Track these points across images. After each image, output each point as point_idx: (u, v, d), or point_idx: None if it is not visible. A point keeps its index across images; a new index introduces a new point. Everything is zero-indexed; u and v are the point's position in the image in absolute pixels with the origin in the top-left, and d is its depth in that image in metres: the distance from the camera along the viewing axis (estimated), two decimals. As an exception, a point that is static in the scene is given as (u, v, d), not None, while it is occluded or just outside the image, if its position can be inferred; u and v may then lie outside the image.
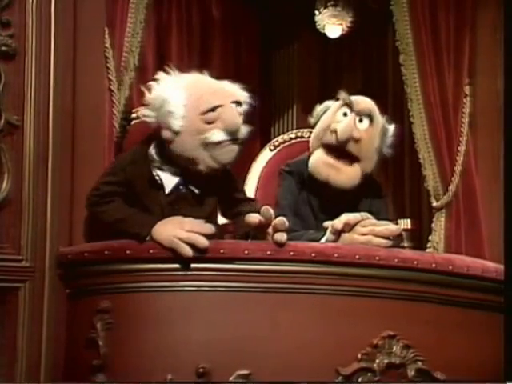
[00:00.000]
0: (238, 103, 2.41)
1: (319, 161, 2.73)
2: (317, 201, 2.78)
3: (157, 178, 2.42)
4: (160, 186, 2.42)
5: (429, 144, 3.29)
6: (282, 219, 2.22)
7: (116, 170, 2.44)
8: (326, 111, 2.82)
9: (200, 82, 2.46)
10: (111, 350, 2.18)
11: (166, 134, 2.37)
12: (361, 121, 2.72)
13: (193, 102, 2.36)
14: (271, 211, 2.24)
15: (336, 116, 2.75)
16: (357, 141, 2.68)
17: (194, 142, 2.35)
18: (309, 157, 2.81)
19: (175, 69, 2.47)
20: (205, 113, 2.35)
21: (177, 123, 2.35)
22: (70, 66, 2.44)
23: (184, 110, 2.35)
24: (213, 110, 2.36)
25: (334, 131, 2.70)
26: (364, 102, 2.78)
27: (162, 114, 2.37)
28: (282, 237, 2.20)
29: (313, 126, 2.89)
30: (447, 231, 3.32)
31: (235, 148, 2.41)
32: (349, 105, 2.74)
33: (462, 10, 3.34)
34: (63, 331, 2.30)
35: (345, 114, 2.73)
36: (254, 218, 2.26)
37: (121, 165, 2.44)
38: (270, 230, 2.25)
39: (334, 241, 2.40)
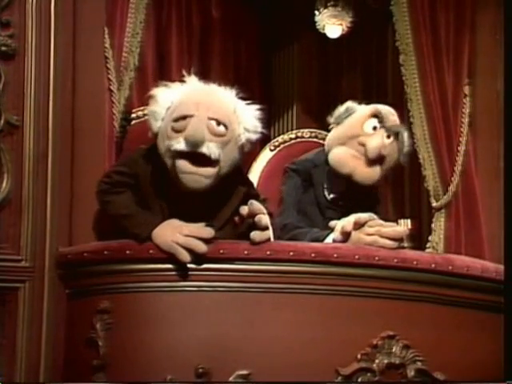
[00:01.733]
0: (217, 121, 2.29)
1: (346, 153, 2.73)
2: (325, 200, 2.78)
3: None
4: (163, 188, 2.39)
5: (428, 144, 3.29)
6: (260, 217, 2.20)
7: (129, 161, 2.43)
8: (349, 115, 2.80)
9: (196, 90, 2.39)
10: (111, 350, 2.18)
11: (149, 133, 2.37)
12: (388, 137, 2.73)
13: (173, 106, 2.33)
14: (257, 205, 2.23)
15: (364, 128, 2.74)
16: (383, 157, 2.72)
17: (164, 147, 2.30)
18: (320, 157, 2.81)
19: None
20: (176, 120, 2.29)
21: (156, 124, 2.34)
22: (70, 66, 2.44)
23: (165, 113, 2.33)
24: (183, 118, 2.28)
25: (363, 145, 2.71)
26: (393, 116, 2.78)
27: (149, 112, 2.38)
28: (256, 236, 2.18)
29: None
30: (447, 231, 3.32)
31: (199, 178, 2.25)
32: (378, 117, 2.74)
33: (461, 10, 3.35)
34: (63, 331, 2.30)
35: (374, 128, 2.73)
36: (243, 209, 2.26)
37: (134, 158, 2.43)
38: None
39: (343, 241, 2.40)
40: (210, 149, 2.25)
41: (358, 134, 2.73)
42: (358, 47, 4.96)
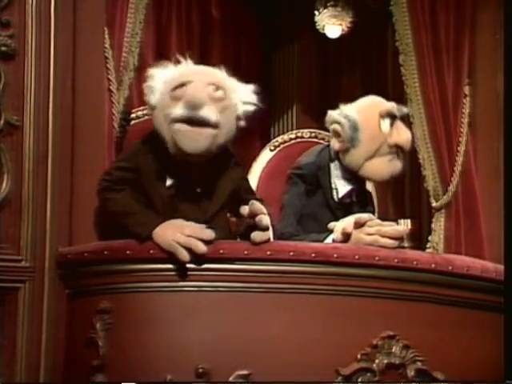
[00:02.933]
0: (216, 86, 2.34)
1: (383, 163, 2.71)
2: (334, 200, 2.77)
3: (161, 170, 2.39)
4: (164, 179, 2.40)
5: (428, 144, 3.29)
6: (261, 217, 2.19)
7: (129, 156, 2.44)
8: (356, 129, 2.71)
9: (194, 66, 2.43)
10: (111, 351, 2.18)
11: (147, 110, 2.38)
12: (403, 122, 2.75)
13: (170, 78, 2.36)
14: (258, 205, 2.23)
15: (383, 131, 2.70)
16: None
17: (162, 117, 2.33)
18: (324, 157, 2.79)
19: None
20: (174, 89, 2.32)
21: (153, 98, 2.36)
22: (70, 66, 2.44)
23: (163, 86, 2.36)
24: (181, 85, 2.32)
25: (395, 145, 2.70)
26: (391, 104, 2.76)
27: (147, 89, 2.39)
28: (257, 236, 2.19)
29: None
30: (447, 231, 3.33)
31: (197, 137, 2.28)
32: (388, 115, 2.72)
33: (461, 10, 3.35)
34: (63, 331, 2.30)
35: (391, 125, 2.71)
36: (243, 209, 2.26)
37: (133, 152, 2.44)
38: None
39: (343, 242, 2.40)
40: (209, 112, 2.28)
41: (384, 139, 2.69)
42: (357, 47, 4.96)
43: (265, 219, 2.20)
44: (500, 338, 2.30)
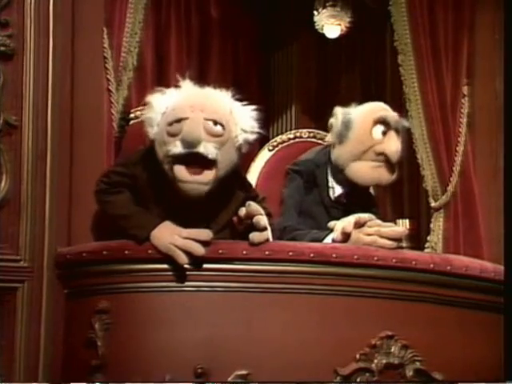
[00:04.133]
0: (213, 121, 2.27)
1: (366, 167, 2.71)
2: (330, 199, 2.78)
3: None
4: (161, 190, 2.37)
5: (427, 144, 3.29)
6: (258, 218, 2.19)
7: (128, 162, 2.43)
8: (348, 127, 2.74)
9: (191, 93, 2.36)
10: (110, 351, 2.18)
11: (147, 139, 2.36)
12: (398, 134, 2.74)
13: (168, 111, 2.31)
14: (255, 206, 2.22)
15: (374, 137, 2.71)
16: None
17: (162, 153, 2.28)
18: (321, 156, 2.81)
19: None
20: (171, 124, 2.27)
21: (152, 130, 2.33)
22: (69, 66, 2.44)
23: (160, 118, 2.31)
24: (178, 121, 2.26)
25: (381, 153, 2.69)
26: (391, 113, 2.76)
27: (145, 118, 2.36)
28: (255, 237, 2.18)
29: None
30: (445, 231, 3.33)
31: (198, 187, 2.24)
32: (383, 122, 2.72)
33: (460, 11, 3.35)
34: (61, 331, 2.30)
35: (384, 133, 2.72)
36: (241, 210, 2.26)
37: (133, 160, 2.42)
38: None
39: (343, 241, 2.40)
40: (208, 149, 2.23)
41: (372, 144, 2.70)
42: (356, 47, 4.96)
43: (262, 220, 2.20)
44: (498, 337, 2.31)
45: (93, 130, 2.55)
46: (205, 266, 2.19)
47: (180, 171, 2.24)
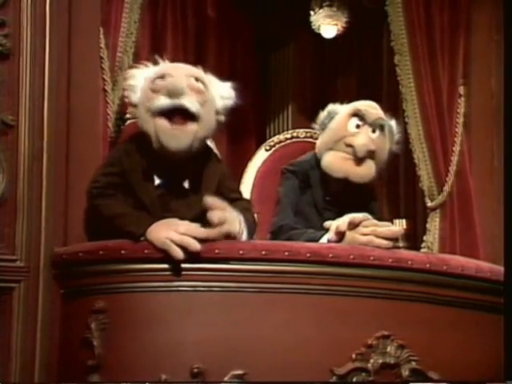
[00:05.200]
0: (195, 78, 2.38)
1: (336, 157, 2.73)
2: (322, 201, 2.78)
3: (148, 169, 2.41)
4: (151, 178, 2.41)
5: (423, 144, 3.30)
6: (212, 213, 2.18)
7: (113, 161, 2.44)
8: (331, 118, 2.81)
9: (172, 63, 2.46)
10: (106, 351, 2.17)
11: (130, 110, 2.40)
12: (374, 131, 2.73)
13: (151, 75, 2.40)
14: (210, 200, 2.23)
15: (348, 128, 2.74)
16: (372, 152, 2.71)
17: (144, 112, 2.37)
18: (316, 158, 2.82)
19: None
20: (153, 81, 2.36)
21: (135, 96, 2.40)
22: (65, 66, 2.43)
23: (143, 82, 2.40)
24: (162, 77, 2.36)
25: (350, 145, 2.71)
26: (374, 110, 2.78)
27: (127, 86, 2.43)
28: (210, 233, 2.18)
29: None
30: (441, 231, 3.34)
31: (179, 134, 2.32)
32: (359, 115, 2.74)
33: (456, 11, 3.36)
34: (58, 331, 2.29)
35: (358, 126, 2.73)
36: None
37: (117, 156, 2.45)
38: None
39: (337, 241, 2.40)
40: (191, 102, 2.32)
41: (344, 135, 2.73)
42: (353, 47, 4.98)
43: (215, 215, 2.19)
44: (495, 337, 2.31)
45: (89, 130, 2.55)
46: (201, 265, 2.18)
47: (163, 123, 2.32)
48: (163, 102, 2.31)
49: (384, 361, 2.20)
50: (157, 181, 2.42)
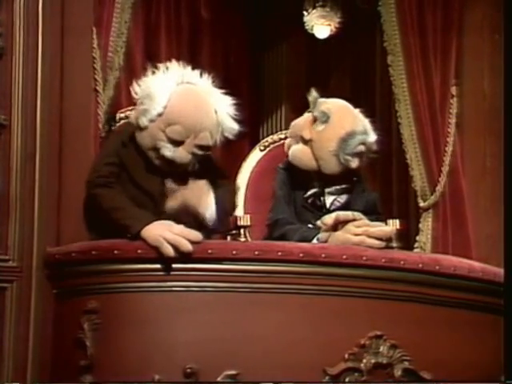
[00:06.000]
0: (202, 148, 2.40)
1: (298, 149, 2.75)
2: (301, 198, 2.78)
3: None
4: (155, 169, 2.41)
5: (416, 144, 3.31)
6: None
7: (110, 152, 2.44)
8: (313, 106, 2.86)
9: (187, 103, 2.40)
10: (99, 351, 2.17)
11: (134, 121, 2.39)
12: (314, 121, 2.74)
13: (168, 114, 2.36)
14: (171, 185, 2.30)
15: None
16: (306, 141, 2.71)
17: (150, 143, 2.37)
18: None
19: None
20: (164, 130, 2.36)
21: (144, 121, 2.36)
22: (58, 66, 2.43)
23: (155, 115, 2.36)
24: (169, 125, 2.36)
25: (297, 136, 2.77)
26: (326, 104, 2.79)
27: (141, 109, 2.38)
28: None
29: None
30: (434, 231, 3.34)
31: (181, 156, 2.38)
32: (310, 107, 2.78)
33: (449, 12, 3.37)
34: (50, 332, 2.29)
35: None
36: None
37: (113, 148, 2.45)
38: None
39: (327, 239, 2.40)
40: (192, 165, 2.41)
41: (301, 130, 2.78)
42: (346, 48, 4.97)
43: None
44: (488, 337, 2.32)
45: (81, 130, 2.55)
46: (194, 265, 2.19)
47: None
48: (168, 151, 2.36)
49: (377, 361, 2.20)
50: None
